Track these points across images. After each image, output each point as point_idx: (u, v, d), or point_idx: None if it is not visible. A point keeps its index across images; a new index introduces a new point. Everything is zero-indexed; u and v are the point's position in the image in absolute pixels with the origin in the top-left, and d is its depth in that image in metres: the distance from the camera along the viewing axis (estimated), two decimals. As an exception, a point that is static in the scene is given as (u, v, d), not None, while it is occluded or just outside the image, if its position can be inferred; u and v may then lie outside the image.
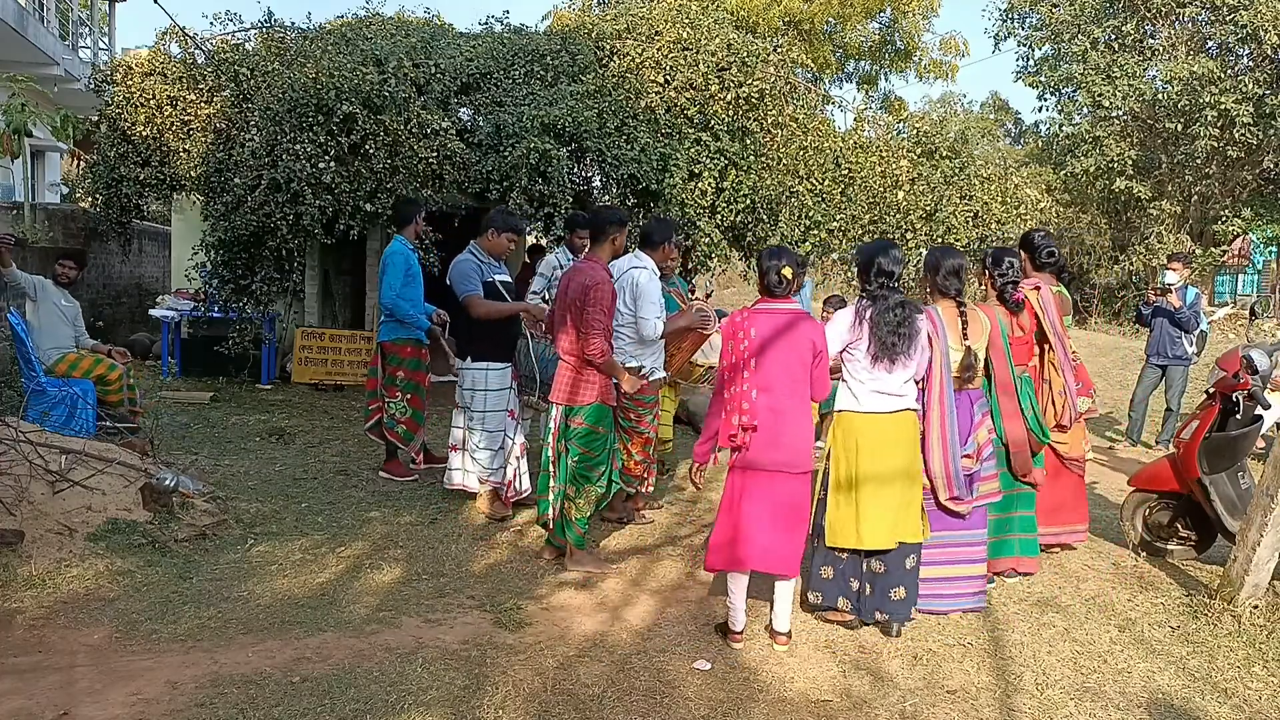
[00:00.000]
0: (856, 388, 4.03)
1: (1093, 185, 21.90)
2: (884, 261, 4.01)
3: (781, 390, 3.84)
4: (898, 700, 3.57)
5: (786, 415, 3.83)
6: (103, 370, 6.55)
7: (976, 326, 4.39)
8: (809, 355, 3.86)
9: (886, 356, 3.93)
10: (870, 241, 4.40)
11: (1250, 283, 19.37)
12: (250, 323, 8.68)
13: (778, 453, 3.82)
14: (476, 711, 3.27)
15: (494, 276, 5.43)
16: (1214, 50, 19.43)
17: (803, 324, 3.89)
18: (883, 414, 4.01)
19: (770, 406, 3.82)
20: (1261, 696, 3.76)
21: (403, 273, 5.94)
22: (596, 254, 4.76)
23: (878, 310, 3.95)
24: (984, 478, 4.42)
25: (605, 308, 4.49)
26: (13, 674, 3.33)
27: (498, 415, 5.39)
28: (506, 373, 5.44)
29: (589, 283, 4.49)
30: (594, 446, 4.62)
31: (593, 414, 4.60)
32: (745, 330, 3.87)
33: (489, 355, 5.37)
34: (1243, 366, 5.03)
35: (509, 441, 5.43)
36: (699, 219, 9.19)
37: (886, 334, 3.91)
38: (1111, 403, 11.15)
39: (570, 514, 4.68)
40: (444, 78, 9.11)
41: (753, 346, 3.84)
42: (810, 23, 19.19)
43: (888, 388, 3.99)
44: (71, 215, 11.33)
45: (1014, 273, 4.73)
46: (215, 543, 4.76)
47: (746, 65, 9.87)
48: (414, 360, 6.09)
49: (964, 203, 10.46)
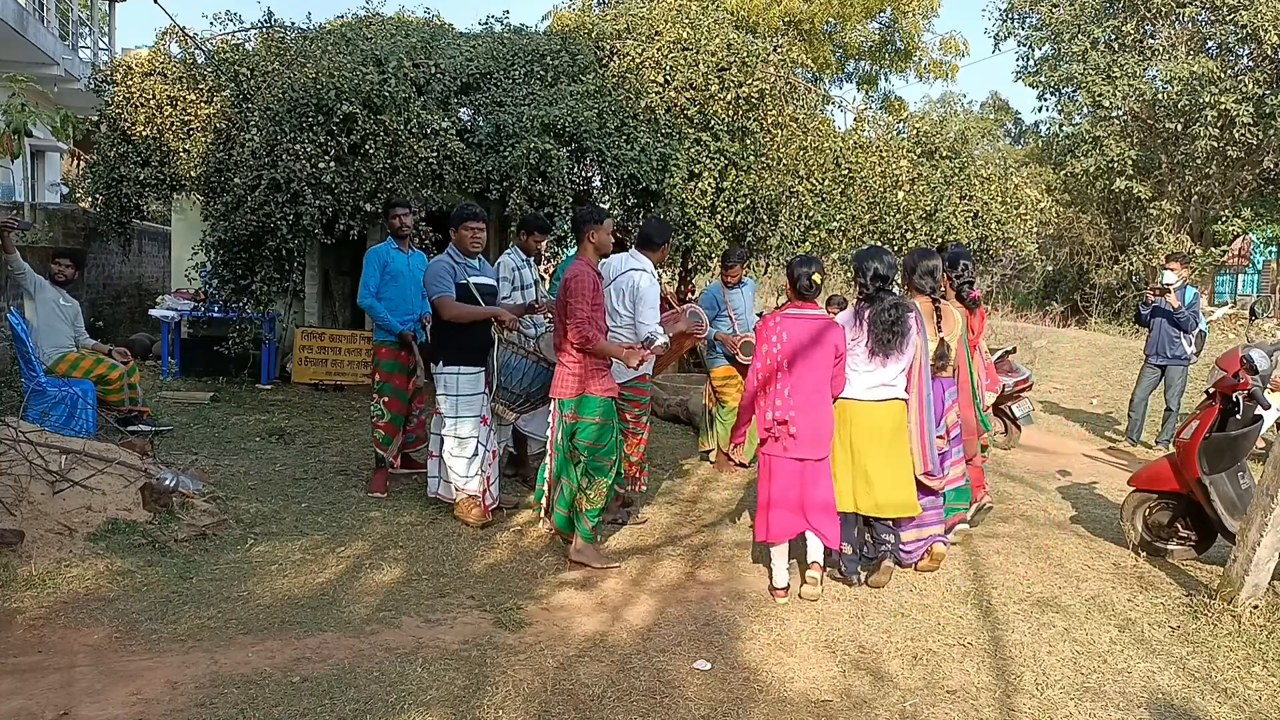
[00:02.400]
0: (855, 379, 4.52)
1: (1093, 185, 21.93)
2: (877, 266, 4.51)
3: (809, 388, 4.34)
4: (898, 700, 3.57)
5: (814, 411, 4.35)
6: (103, 370, 6.55)
7: (950, 320, 4.91)
8: (832, 355, 4.38)
9: (882, 351, 4.44)
10: (865, 248, 4.74)
11: (1250, 283, 19.38)
12: (250, 323, 8.67)
13: (804, 444, 4.35)
14: (476, 711, 3.27)
15: (469, 278, 5.25)
16: (1214, 50, 19.44)
17: (826, 327, 4.39)
18: (877, 402, 4.53)
19: (800, 404, 4.31)
20: (1261, 696, 3.76)
21: (377, 271, 5.78)
22: (581, 254, 4.87)
23: (875, 310, 4.44)
24: (955, 461, 4.97)
25: (585, 296, 4.59)
26: (13, 674, 3.33)
27: (469, 421, 5.24)
28: (478, 378, 5.28)
29: (568, 277, 4.66)
30: (602, 438, 4.69)
31: (596, 407, 4.67)
32: (778, 333, 4.36)
33: (459, 359, 5.22)
34: (1243, 366, 5.03)
35: (482, 449, 5.30)
36: (699, 219, 9.18)
37: (882, 331, 4.41)
38: (1111, 403, 11.15)
39: (581, 506, 4.74)
40: (444, 78, 9.10)
41: (785, 348, 4.32)
42: (810, 23, 19.16)
43: (883, 379, 4.51)
44: (71, 215, 11.33)
45: (969, 274, 5.25)
46: (215, 543, 4.76)
47: (746, 65, 9.86)
48: (390, 362, 5.84)
49: (964, 203, 10.45)
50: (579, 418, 4.68)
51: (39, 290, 6.45)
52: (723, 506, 6.10)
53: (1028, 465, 7.88)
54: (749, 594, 4.58)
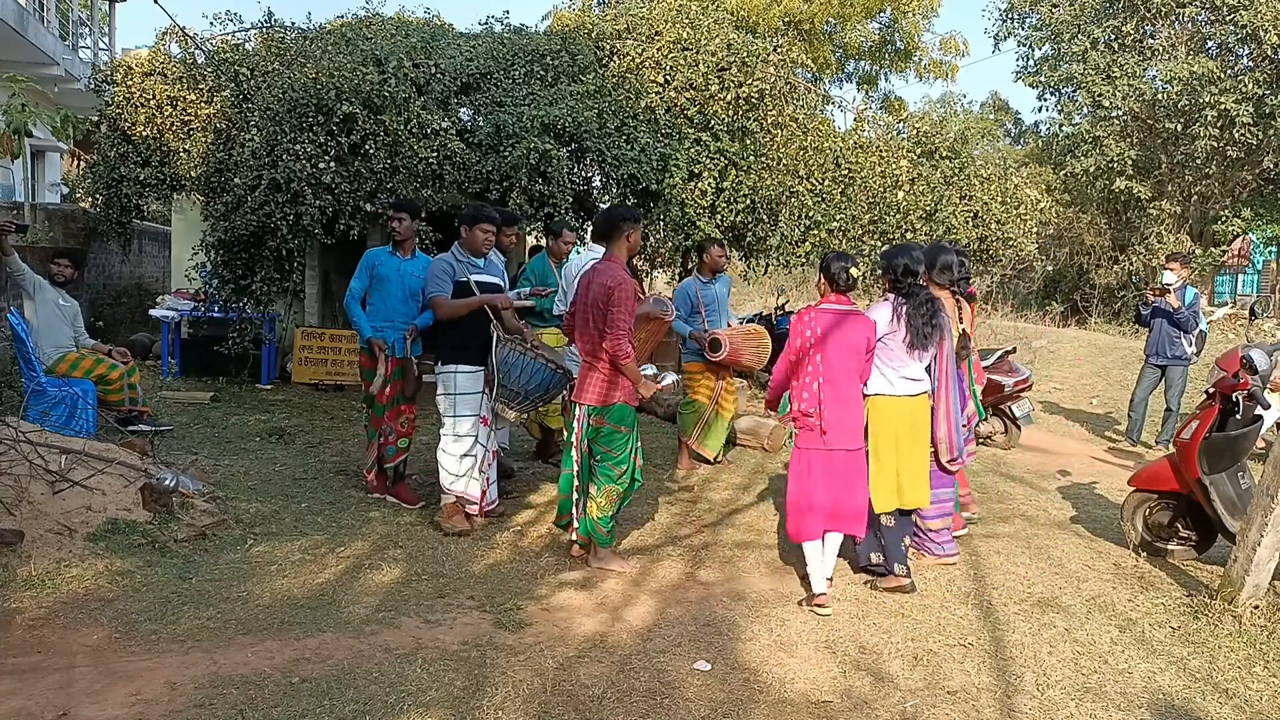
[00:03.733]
0: (890, 374, 4.59)
1: (1093, 185, 21.92)
2: (907, 262, 4.58)
3: (842, 380, 4.39)
4: (898, 700, 3.57)
5: (847, 403, 4.39)
6: (103, 370, 6.55)
7: (966, 314, 5.13)
8: (864, 348, 4.46)
9: (920, 345, 4.53)
10: (895, 245, 4.86)
11: (1250, 283, 19.37)
12: (250, 323, 8.67)
13: (840, 435, 4.37)
14: (476, 712, 3.27)
15: (470, 276, 5.16)
16: (1214, 50, 19.44)
17: (858, 321, 4.45)
18: (910, 396, 4.62)
19: (834, 396, 4.35)
20: (1262, 697, 3.75)
21: (365, 274, 5.59)
22: (613, 254, 4.70)
23: (911, 306, 4.52)
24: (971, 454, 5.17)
25: (630, 308, 4.51)
26: (13, 674, 3.33)
27: (467, 420, 5.13)
28: (477, 376, 5.15)
29: (611, 284, 4.47)
30: (618, 445, 4.66)
31: (619, 414, 4.64)
32: (811, 327, 4.40)
33: (457, 357, 5.13)
34: (1243, 366, 5.03)
35: (480, 449, 5.20)
36: (699, 219, 9.18)
37: (921, 325, 4.51)
38: (1111, 403, 11.15)
39: (592, 513, 4.69)
40: (444, 78, 9.10)
41: (818, 341, 4.37)
42: (810, 23, 19.14)
43: (914, 374, 4.61)
44: (71, 215, 11.34)
45: (964, 270, 5.39)
46: (215, 543, 4.76)
47: (746, 65, 9.86)
48: (368, 371, 5.63)
49: (964, 203, 10.45)
50: (605, 424, 4.63)
51: (38, 291, 6.45)
52: (723, 506, 6.10)
53: (1028, 465, 7.87)
54: (749, 594, 4.57)
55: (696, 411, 6.79)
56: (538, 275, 6.45)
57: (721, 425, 6.90)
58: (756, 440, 7.81)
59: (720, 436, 6.94)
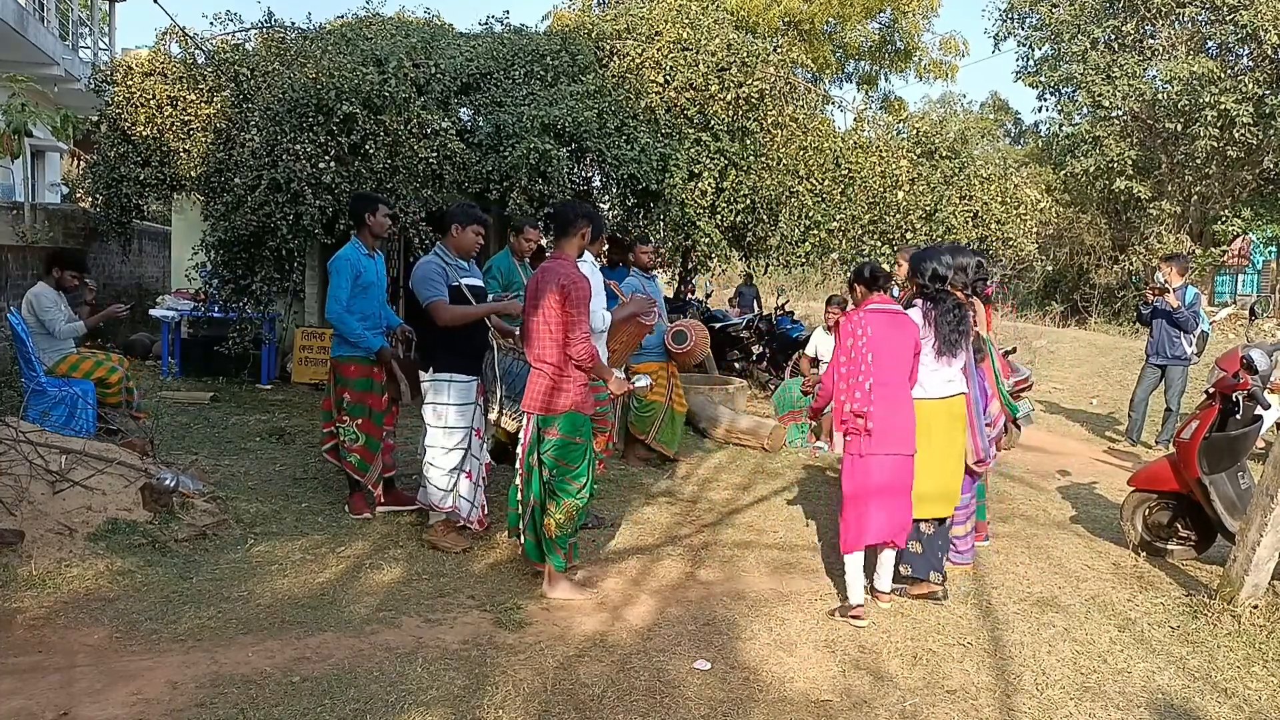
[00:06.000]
0: (925, 376, 4.52)
1: (1093, 185, 21.93)
2: (936, 266, 4.54)
3: (895, 383, 4.34)
4: (898, 700, 3.57)
5: (900, 406, 4.33)
6: (103, 373, 6.56)
7: (981, 316, 4.98)
8: (913, 349, 4.41)
9: (949, 351, 4.47)
10: (923, 249, 4.81)
11: (1250, 283, 19.38)
12: (250, 323, 8.67)
13: (895, 439, 4.29)
14: (476, 711, 3.27)
15: (461, 280, 4.90)
16: (1214, 50, 19.45)
17: (906, 322, 4.42)
18: (947, 398, 4.54)
19: (887, 398, 4.29)
20: (1261, 696, 3.76)
21: (349, 281, 5.13)
22: (563, 250, 4.39)
23: (939, 311, 4.48)
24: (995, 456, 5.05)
25: (586, 306, 4.24)
26: (13, 674, 3.33)
27: (458, 432, 4.84)
28: (472, 387, 4.87)
29: (565, 282, 4.16)
30: (571, 458, 4.29)
31: (567, 423, 4.27)
32: (863, 327, 4.34)
33: (452, 366, 4.83)
34: (1243, 366, 5.03)
35: (473, 461, 4.93)
36: (699, 219, 9.18)
37: (949, 331, 4.46)
38: (1111, 403, 11.15)
39: (550, 532, 4.30)
40: (444, 78, 9.10)
41: (871, 343, 4.32)
42: (810, 23, 19.14)
43: (948, 376, 4.55)
44: (71, 215, 11.34)
45: (983, 272, 5.33)
46: (215, 543, 4.76)
47: (746, 65, 9.86)
48: (362, 381, 5.25)
49: (964, 203, 10.44)
50: (556, 434, 4.27)
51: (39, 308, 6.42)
52: (723, 506, 6.10)
53: (1028, 465, 7.88)
54: (749, 594, 4.58)
55: (654, 411, 6.89)
56: (504, 273, 5.97)
57: (678, 421, 7.06)
58: (756, 440, 7.81)
59: (678, 433, 7.09)
